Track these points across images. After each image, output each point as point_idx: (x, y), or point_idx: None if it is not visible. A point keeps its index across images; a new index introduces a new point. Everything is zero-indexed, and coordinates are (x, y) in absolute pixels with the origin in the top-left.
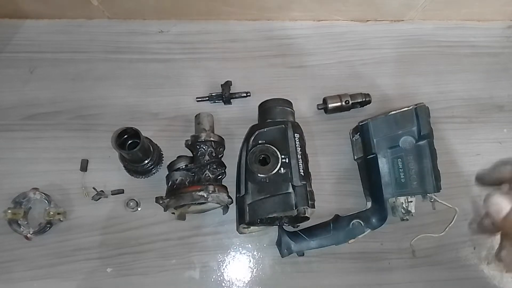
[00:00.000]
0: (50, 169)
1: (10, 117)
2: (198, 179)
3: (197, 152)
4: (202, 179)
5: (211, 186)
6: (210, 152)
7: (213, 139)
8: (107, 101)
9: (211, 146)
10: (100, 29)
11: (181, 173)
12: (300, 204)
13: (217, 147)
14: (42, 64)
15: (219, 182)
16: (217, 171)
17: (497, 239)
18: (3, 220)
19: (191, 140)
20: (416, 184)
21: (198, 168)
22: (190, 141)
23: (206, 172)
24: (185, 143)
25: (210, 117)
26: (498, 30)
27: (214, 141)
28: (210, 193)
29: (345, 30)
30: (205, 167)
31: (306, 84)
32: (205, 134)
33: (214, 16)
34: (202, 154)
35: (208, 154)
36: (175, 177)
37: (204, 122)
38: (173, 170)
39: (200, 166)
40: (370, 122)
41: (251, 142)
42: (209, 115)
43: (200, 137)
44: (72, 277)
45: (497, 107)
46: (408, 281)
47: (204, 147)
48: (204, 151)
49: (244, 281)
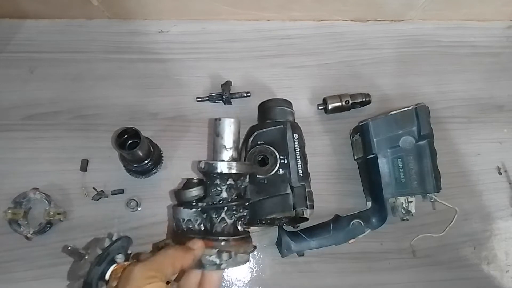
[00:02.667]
0: (50, 169)
1: (11, 117)
2: (211, 224)
3: (211, 186)
4: (216, 226)
5: (226, 253)
6: (229, 187)
7: (235, 170)
8: (107, 101)
9: (232, 178)
10: (100, 29)
11: (190, 212)
12: (298, 205)
13: (239, 179)
14: (42, 64)
15: (238, 229)
16: (236, 213)
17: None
18: (3, 220)
19: (205, 167)
20: (416, 184)
21: (213, 209)
22: (203, 169)
23: (222, 216)
24: (198, 167)
25: (235, 125)
26: (498, 30)
27: (237, 173)
28: (224, 260)
29: (345, 30)
30: (221, 210)
31: (306, 84)
32: (224, 164)
33: (214, 16)
34: (218, 191)
35: (227, 190)
36: (181, 216)
37: (225, 136)
38: (182, 203)
39: (215, 208)
40: (370, 122)
41: (250, 142)
42: (234, 122)
43: (216, 168)
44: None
45: (497, 107)
46: (408, 281)
47: (222, 182)
48: (220, 185)
49: (244, 281)
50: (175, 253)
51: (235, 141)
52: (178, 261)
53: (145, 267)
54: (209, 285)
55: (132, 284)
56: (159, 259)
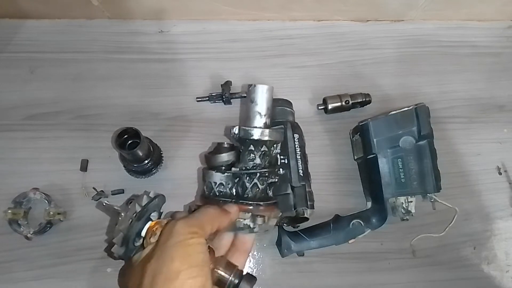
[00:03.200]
0: (51, 169)
1: (11, 117)
2: (243, 188)
3: (245, 152)
4: (247, 191)
5: (260, 217)
6: (263, 153)
7: (269, 137)
8: (108, 101)
9: (266, 145)
10: (100, 29)
11: (222, 176)
12: (299, 205)
13: (272, 146)
14: (43, 64)
15: (268, 195)
16: (268, 179)
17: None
18: (3, 220)
19: (240, 132)
20: (416, 184)
21: (246, 174)
22: (238, 135)
23: (255, 181)
24: (232, 133)
25: (269, 92)
26: (498, 30)
27: (270, 140)
28: (258, 224)
29: (346, 30)
30: (254, 175)
31: (306, 84)
32: (259, 131)
33: (214, 16)
34: (252, 158)
35: (260, 156)
36: (213, 179)
37: (260, 102)
38: (214, 167)
39: (248, 173)
40: (370, 122)
41: None
42: (269, 89)
43: (251, 134)
44: (72, 277)
45: (497, 107)
46: (408, 281)
47: (257, 148)
48: (255, 152)
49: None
50: (214, 213)
51: (269, 108)
52: (216, 220)
53: (187, 223)
54: (242, 246)
55: (175, 238)
56: (200, 217)
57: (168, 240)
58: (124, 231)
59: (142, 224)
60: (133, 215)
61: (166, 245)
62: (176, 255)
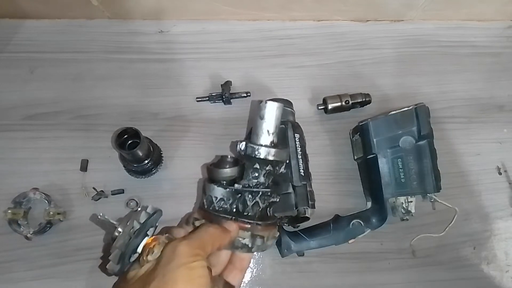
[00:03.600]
0: (50, 169)
1: (11, 117)
2: (244, 206)
3: (250, 170)
4: (248, 209)
5: (259, 238)
6: (267, 173)
7: (275, 158)
8: (107, 101)
9: (271, 165)
10: (100, 29)
11: (224, 191)
12: (300, 204)
13: (277, 166)
14: (42, 64)
15: (268, 214)
16: (270, 198)
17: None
18: (3, 220)
19: (246, 149)
20: (416, 184)
21: (248, 192)
22: (244, 151)
23: (256, 200)
24: (238, 149)
25: (279, 110)
26: (498, 30)
27: (276, 160)
28: (256, 244)
29: (346, 30)
30: (256, 194)
31: (306, 84)
32: (265, 150)
33: (214, 16)
34: (256, 176)
35: (265, 175)
36: (215, 193)
37: (269, 119)
38: (215, 181)
39: (251, 192)
40: (370, 122)
41: None
42: (279, 107)
43: (259, 153)
44: (72, 277)
45: (497, 107)
46: (408, 281)
47: (262, 167)
48: (259, 172)
49: (244, 281)
50: (215, 233)
51: (277, 126)
52: (217, 241)
53: (190, 244)
54: (240, 264)
55: (178, 261)
56: (201, 237)
57: (171, 262)
58: (122, 248)
59: (139, 240)
60: (131, 232)
61: (169, 267)
62: (180, 278)
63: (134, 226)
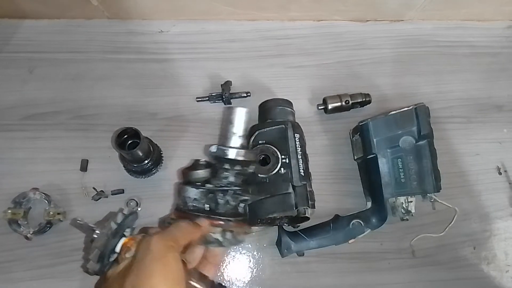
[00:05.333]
0: (50, 169)
1: (10, 117)
2: (216, 205)
3: (221, 169)
4: (220, 206)
5: (230, 233)
6: (237, 173)
7: (244, 158)
8: (107, 101)
9: (240, 165)
10: (99, 29)
11: (196, 191)
12: (300, 204)
13: (246, 166)
14: (41, 64)
15: (240, 211)
16: (240, 197)
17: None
18: (3, 220)
19: (216, 151)
20: (416, 184)
21: (219, 191)
22: (215, 154)
23: (227, 198)
24: (209, 151)
25: (248, 115)
26: (497, 30)
27: (245, 161)
28: (227, 239)
29: (345, 30)
30: (226, 192)
31: (306, 84)
32: (235, 151)
33: (213, 16)
34: (226, 175)
35: (235, 175)
36: (188, 194)
37: (238, 123)
38: (189, 183)
39: (222, 190)
40: (370, 122)
41: (251, 142)
42: (247, 112)
43: (227, 154)
44: (72, 277)
45: (496, 107)
46: (408, 281)
47: (231, 167)
48: (229, 170)
49: (244, 281)
50: (187, 227)
51: (245, 130)
52: (189, 234)
53: (163, 237)
54: (213, 259)
55: (153, 254)
56: (173, 231)
57: (146, 256)
58: (101, 248)
59: (117, 240)
60: (109, 233)
61: (144, 260)
62: (155, 270)
63: (112, 226)
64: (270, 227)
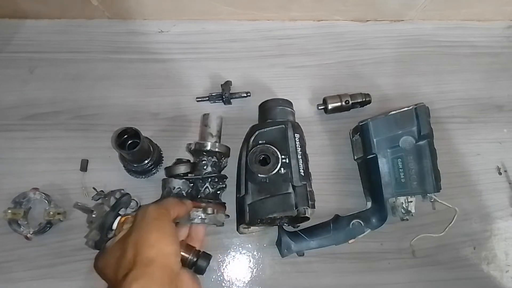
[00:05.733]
0: (50, 169)
1: (10, 117)
2: (197, 191)
3: (199, 161)
4: (201, 193)
5: (210, 208)
6: (214, 163)
7: (219, 149)
8: (107, 101)
9: (216, 156)
10: (100, 29)
11: (179, 182)
12: (300, 204)
13: (221, 158)
14: (42, 64)
15: (219, 197)
16: (218, 185)
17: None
18: (3, 220)
19: (195, 146)
20: (416, 184)
21: (199, 179)
22: (194, 148)
23: (206, 185)
24: (187, 147)
25: (220, 120)
26: (498, 30)
27: (219, 152)
28: (208, 214)
29: (345, 30)
30: (205, 180)
31: (306, 84)
32: (210, 144)
33: (214, 16)
34: (205, 164)
35: (211, 165)
36: (172, 185)
37: (212, 125)
38: (172, 175)
39: (201, 178)
40: (370, 122)
41: (251, 142)
42: (218, 117)
43: (205, 146)
44: (72, 277)
45: (497, 107)
46: (408, 281)
47: (208, 158)
48: (207, 161)
49: (244, 281)
50: (175, 202)
51: (218, 131)
52: (176, 208)
53: (157, 206)
54: (196, 235)
55: (150, 216)
56: (165, 203)
57: (144, 218)
58: (97, 227)
59: (114, 218)
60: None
61: (143, 222)
62: (153, 228)
63: (105, 208)
64: (270, 227)
